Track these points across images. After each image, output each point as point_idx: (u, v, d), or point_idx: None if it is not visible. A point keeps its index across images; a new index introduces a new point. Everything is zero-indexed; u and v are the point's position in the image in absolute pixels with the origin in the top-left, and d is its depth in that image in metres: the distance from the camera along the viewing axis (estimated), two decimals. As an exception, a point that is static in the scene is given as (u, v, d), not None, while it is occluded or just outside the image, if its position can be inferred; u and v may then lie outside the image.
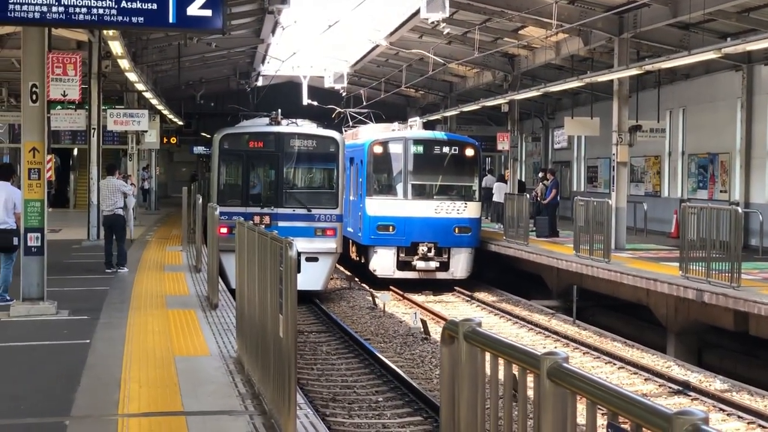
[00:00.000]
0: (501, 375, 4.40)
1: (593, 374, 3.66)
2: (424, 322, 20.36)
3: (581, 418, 3.98)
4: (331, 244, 23.44)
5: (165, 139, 50.01)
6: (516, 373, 4.28)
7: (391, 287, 26.65)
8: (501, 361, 4.36)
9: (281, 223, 22.72)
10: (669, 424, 2.85)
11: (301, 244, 22.27)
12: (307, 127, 24.95)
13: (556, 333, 20.25)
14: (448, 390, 4.90)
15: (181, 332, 12.01)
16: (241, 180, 24.01)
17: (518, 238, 26.78)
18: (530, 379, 4.02)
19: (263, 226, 16.65)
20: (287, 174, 23.85)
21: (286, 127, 24.17)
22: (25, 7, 10.48)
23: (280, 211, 23.28)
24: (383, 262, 26.86)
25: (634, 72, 23.11)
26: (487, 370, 4.68)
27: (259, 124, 25.24)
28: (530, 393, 4.05)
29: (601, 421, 3.81)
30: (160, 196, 49.62)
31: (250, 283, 9.16)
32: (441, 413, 5.03)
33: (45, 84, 12.85)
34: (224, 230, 19.77)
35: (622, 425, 3.30)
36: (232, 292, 12.96)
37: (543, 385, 3.75)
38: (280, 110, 24.86)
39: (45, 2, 10.48)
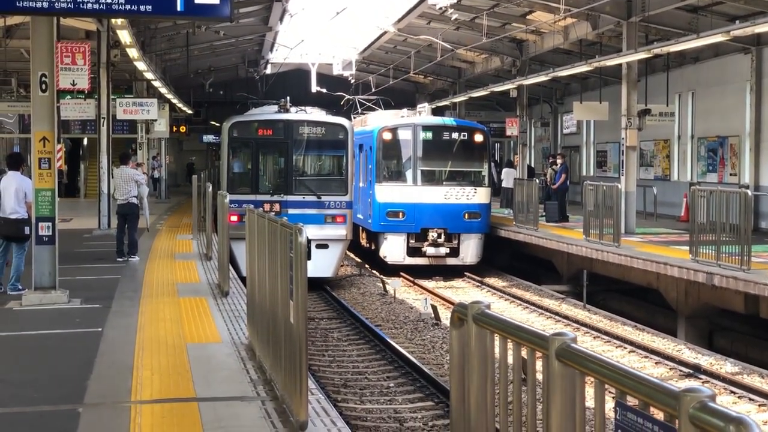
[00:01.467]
0: (510, 358, 4.43)
1: (601, 354, 3.69)
2: (434, 308, 20.39)
3: (590, 401, 4.01)
4: (341, 231, 23.45)
5: (174, 128, 50.07)
6: (525, 355, 4.30)
7: (401, 273, 26.68)
8: (510, 343, 4.39)
9: (291, 211, 22.77)
10: (677, 402, 2.87)
11: (311, 231, 22.35)
12: (316, 114, 24.97)
13: (566, 317, 20.27)
14: (458, 373, 4.93)
15: (193, 320, 12.06)
16: (251, 168, 24.07)
17: (528, 223, 26.78)
18: (539, 362, 4.05)
19: (273, 214, 16.69)
20: (296, 161, 23.86)
21: (295, 114, 24.19)
22: (33, -3, 10.50)
23: (290, 198, 23.32)
24: (393, 248, 26.89)
25: (642, 56, 23.05)
26: (497, 353, 4.71)
27: (268, 112, 25.30)
28: (539, 376, 4.07)
29: (610, 402, 3.83)
30: (170, 185, 49.70)
31: (260, 270, 9.19)
32: (451, 396, 5.06)
33: (54, 74, 12.88)
34: (234, 218, 19.78)
35: (630, 405, 3.33)
36: (243, 280, 13.01)
37: (552, 365, 3.77)
38: (288, 98, 24.89)
39: (53, -8, 10.50)
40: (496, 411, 4.85)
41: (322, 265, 23.03)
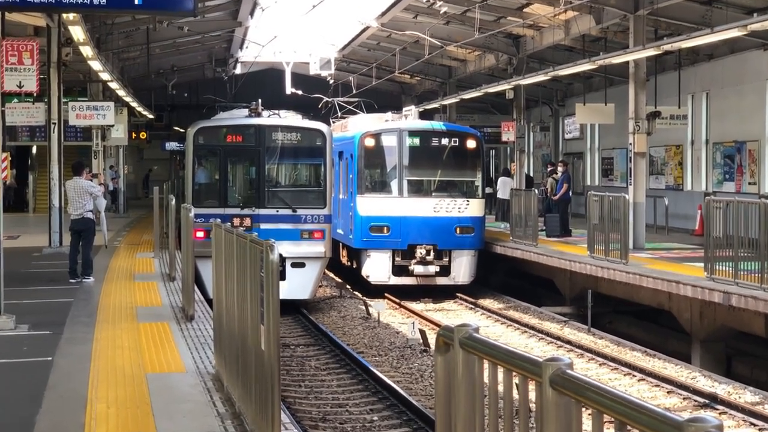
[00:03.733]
0: (501, 386, 4.47)
1: (598, 381, 3.73)
2: (422, 333, 20.41)
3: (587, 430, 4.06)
4: (319, 248, 23.52)
5: (133, 135, 49.99)
6: (516, 382, 4.34)
7: (386, 295, 26.71)
8: (500, 370, 4.43)
9: (263, 226, 22.84)
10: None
11: (285, 249, 22.40)
12: (290, 118, 25.06)
13: (569, 342, 20.32)
14: (444, 402, 4.96)
15: (154, 347, 12.06)
16: (219, 178, 24.18)
17: (526, 238, 26.85)
18: (532, 391, 4.09)
19: (243, 229, 16.75)
20: (269, 171, 24.00)
21: (267, 118, 24.29)
22: (-25, -10, 10.53)
23: (262, 212, 23.40)
24: (377, 267, 26.92)
25: (651, 53, 23.17)
26: (486, 381, 4.75)
27: (238, 116, 25.40)
28: (532, 406, 4.11)
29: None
30: (129, 198, 49.62)
31: (228, 292, 9.22)
32: (436, 428, 5.09)
33: (-1, 75, 12.89)
34: (200, 234, 19.81)
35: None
36: (210, 302, 13.02)
37: (545, 394, 3.81)
38: (260, 100, 24.97)
39: (-3, -16, 10.53)
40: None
41: (298, 285, 23.06)
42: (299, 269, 23.19)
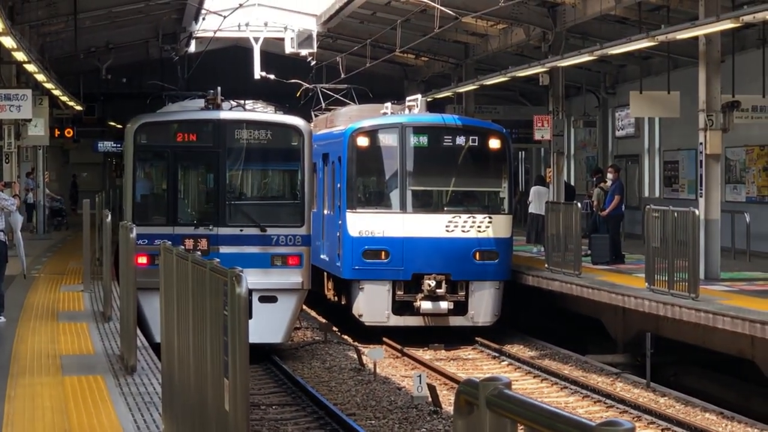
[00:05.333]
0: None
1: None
2: (432, 389, 20.39)
3: None
4: (294, 278, 23.59)
5: (57, 132, 50.02)
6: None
7: (384, 339, 26.66)
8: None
9: (223, 249, 22.97)
10: None
11: (252, 278, 22.23)
12: (259, 112, 25.11)
13: (622, 401, 20.28)
14: (465, 481, 4.94)
15: (84, 408, 12.01)
16: (167, 188, 24.19)
17: (566, 266, 26.82)
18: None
19: (198, 254, 16.70)
20: (231, 179, 24.10)
21: (228, 112, 24.30)
22: None
23: (222, 231, 23.43)
24: (373, 303, 26.88)
25: (728, 26, 23.18)
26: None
27: (191, 109, 25.51)
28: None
29: None
30: (52, 214, 49.57)
31: (181, 336, 9.20)
32: None
33: None
34: (143, 260, 19.86)
35: None
36: (157, 348, 12.99)
37: (600, 469, 3.80)
38: (220, 89, 24.89)
39: None
40: None
41: (268, 325, 23.00)
42: (270, 305, 23.14)
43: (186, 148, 24.07)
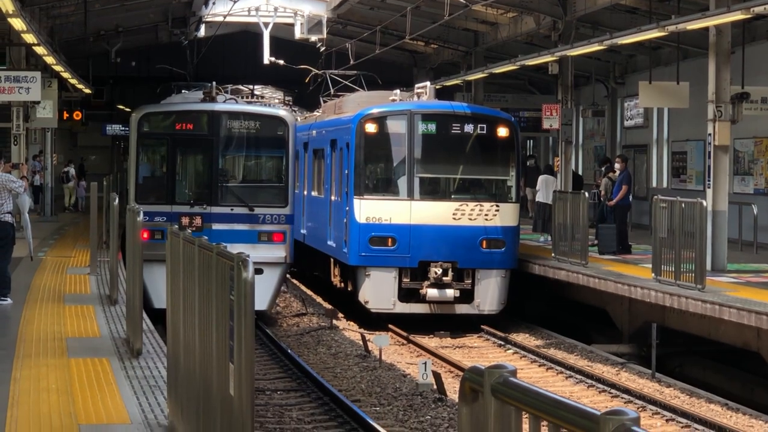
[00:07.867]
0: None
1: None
2: (437, 376, 20.39)
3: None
4: (279, 252, 25.76)
5: (65, 115, 49.99)
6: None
7: (390, 326, 26.66)
8: (544, 424, 4.40)
9: (216, 226, 25.22)
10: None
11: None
12: (248, 105, 27.77)
13: (627, 391, 20.28)
14: (469, 468, 4.94)
15: (90, 390, 12.02)
16: (166, 171, 26.31)
17: (573, 255, 26.80)
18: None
19: (193, 230, 17.24)
20: (223, 163, 26.43)
21: (221, 104, 26.46)
22: None
23: (215, 210, 25.60)
24: (379, 290, 26.86)
25: (739, 16, 23.12)
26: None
27: (191, 101, 27.70)
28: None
29: None
30: (58, 196, 49.58)
31: (187, 320, 9.20)
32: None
33: None
34: (144, 234, 20.59)
35: None
36: (154, 313, 12.97)
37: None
38: (215, 83, 27.18)
39: None
40: None
41: (255, 295, 23.23)
42: (257, 276, 23.40)
43: (183, 136, 26.35)
